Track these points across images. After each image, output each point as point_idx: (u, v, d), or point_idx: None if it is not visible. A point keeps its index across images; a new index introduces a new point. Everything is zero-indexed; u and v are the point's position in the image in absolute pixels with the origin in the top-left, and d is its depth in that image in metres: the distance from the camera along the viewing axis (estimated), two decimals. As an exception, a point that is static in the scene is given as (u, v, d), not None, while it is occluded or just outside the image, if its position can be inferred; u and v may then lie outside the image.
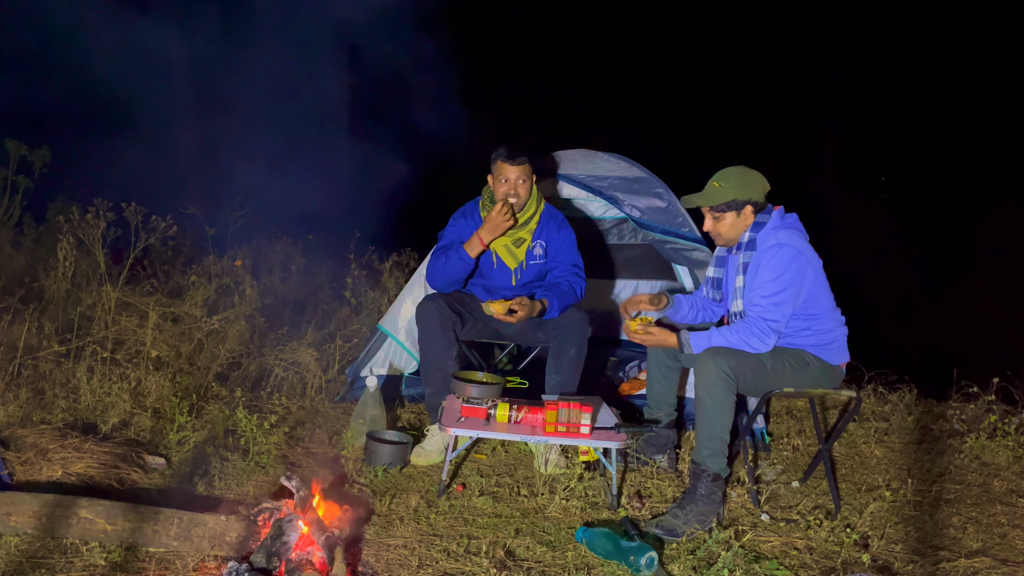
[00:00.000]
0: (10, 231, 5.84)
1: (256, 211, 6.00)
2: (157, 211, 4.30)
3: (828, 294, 3.07)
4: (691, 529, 2.73)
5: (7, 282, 4.70)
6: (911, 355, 5.95)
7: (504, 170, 3.57)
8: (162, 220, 4.19)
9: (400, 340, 4.12)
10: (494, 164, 3.61)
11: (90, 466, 2.87)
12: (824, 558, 2.64)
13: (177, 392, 3.62)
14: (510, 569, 2.42)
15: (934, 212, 11.97)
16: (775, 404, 4.34)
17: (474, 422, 3.06)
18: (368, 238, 6.27)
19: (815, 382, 3.04)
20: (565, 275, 3.69)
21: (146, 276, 4.98)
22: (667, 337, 3.10)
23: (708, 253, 3.82)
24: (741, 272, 3.05)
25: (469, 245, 3.56)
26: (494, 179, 3.63)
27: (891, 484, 3.32)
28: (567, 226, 3.78)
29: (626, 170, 4.26)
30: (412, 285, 4.12)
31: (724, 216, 3.05)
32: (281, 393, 4.02)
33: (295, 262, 6.42)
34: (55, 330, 3.96)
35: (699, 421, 2.91)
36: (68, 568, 2.25)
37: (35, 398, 3.44)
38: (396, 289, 5.37)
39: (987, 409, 3.93)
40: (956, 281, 9.52)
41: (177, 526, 2.36)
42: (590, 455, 3.22)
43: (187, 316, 4.33)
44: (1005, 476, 3.48)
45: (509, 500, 2.98)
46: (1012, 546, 2.82)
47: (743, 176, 3.05)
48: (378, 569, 2.39)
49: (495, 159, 3.60)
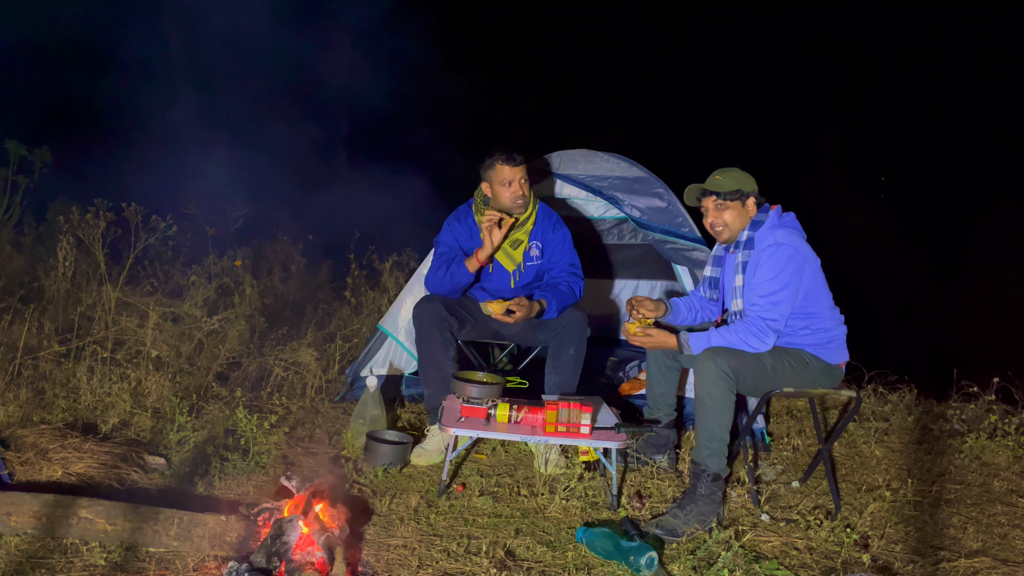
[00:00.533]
0: (10, 231, 5.84)
1: (255, 211, 6.01)
2: (157, 211, 4.31)
3: (827, 293, 3.07)
4: (691, 529, 2.73)
5: (7, 282, 4.70)
6: (911, 355, 5.95)
7: (505, 172, 3.53)
8: (162, 220, 4.20)
9: (400, 340, 4.12)
10: (491, 169, 3.55)
11: (90, 466, 2.87)
12: (824, 558, 2.64)
13: (177, 392, 3.62)
14: (510, 569, 2.42)
15: (934, 212, 11.97)
16: (775, 404, 4.34)
17: (474, 422, 3.06)
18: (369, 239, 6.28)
19: (815, 382, 3.04)
20: (563, 275, 3.69)
21: (146, 276, 4.98)
22: (666, 339, 3.10)
23: (707, 253, 3.82)
24: (740, 271, 3.05)
25: (470, 262, 3.54)
26: (494, 184, 3.57)
27: (891, 484, 3.32)
28: (562, 225, 3.77)
29: (626, 170, 4.26)
30: (412, 285, 4.12)
31: (729, 206, 3.06)
32: (281, 393, 4.02)
33: (295, 262, 6.43)
34: (55, 330, 3.96)
35: (699, 421, 2.91)
36: (68, 568, 2.25)
37: (35, 398, 3.44)
38: (396, 289, 5.37)
39: (987, 409, 3.93)
40: (956, 281, 9.52)
41: (177, 526, 2.36)
42: (590, 455, 3.22)
43: (187, 316, 4.33)
44: (1005, 476, 3.48)
45: (509, 500, 2.98)
46: (1012, 546, 2.82)
47: (741, 172, 3.11)
48: (378, 569, 2.39)
49: (491, 164, 3.54)
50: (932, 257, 10.48)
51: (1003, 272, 9.32)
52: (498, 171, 3.54)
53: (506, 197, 3.55)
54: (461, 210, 3.76)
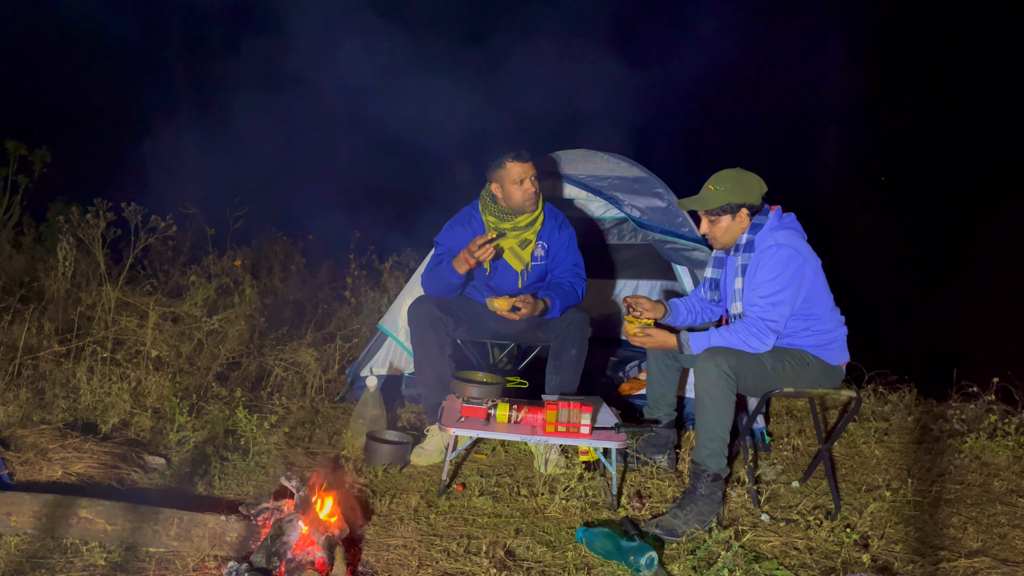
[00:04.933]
0: (10, 231, 5.84)
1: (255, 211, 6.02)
2: (157, 211, 4.30)
3: (827, 294, 3.07)
4: (691, 529, 2.73)
5: (7, 282, 4.70)
6: (911, 355, 5.94)
7: (516, 170, 3.48)
8: (162, 220, 4.20)
9: (400, 340, 4.12)
10: (500, 169, 3.51)
11: (90, 466, 2.87)
12: (824, 558, 2.64)
13: (177, 392, 3.62)
14: (510, 569, 2.42)
15: (934, 212, 11.97)
16: (775, 404, 4.34)
17: (474, 422, 3.06)
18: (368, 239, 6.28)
19: (815, 382, 3.04)
20: (566, 275, 3.69)
21: (146, 276, 4.98)
22: (666, 339, 3.10)
23: (708, 253, 3.81)
24: (740, 274, 3.05)
25: (457, 262, 3.48)
26: (505, 184, 3.52)
27: (891, 484, 3.32)
28: (567, 225, 3.77)
29: (626, 170, 4.26)
30: (412, 285, 4.11)
31: (720, 220, 3.05)
32: (281, 393, 4.02)
33: (295, 262, 6.43)
34: (55, 330, 3.96)
35: (699, 421, 2.91)
36: (68, 568, 2.25)
37: (35, 398, 3.44)
38: (396, 289, 5.38)
39: (987, 409, 3.93)
40: (956, 281, 9.51)
41: (177, 526, 2.36)
42: (590, 455, 3.22)
43: (187, 316, 4.33)
44: (1005, 476, 3.48)
45: (509, 500, 2.98)
46: (1012, 546, 2.82)
47: (738, 179, 3.03)
48: (378, 569, 2.39)
49: (501, 163, 3.50)
50: (932, 257, 10.48)
51: (1003, 272, 9.31)
52: (509, 170, 3.50)
53: (518, 195, 3.52)
54: (465, 212, 3.73)
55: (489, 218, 3.61)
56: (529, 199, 3.53)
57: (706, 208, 3.04)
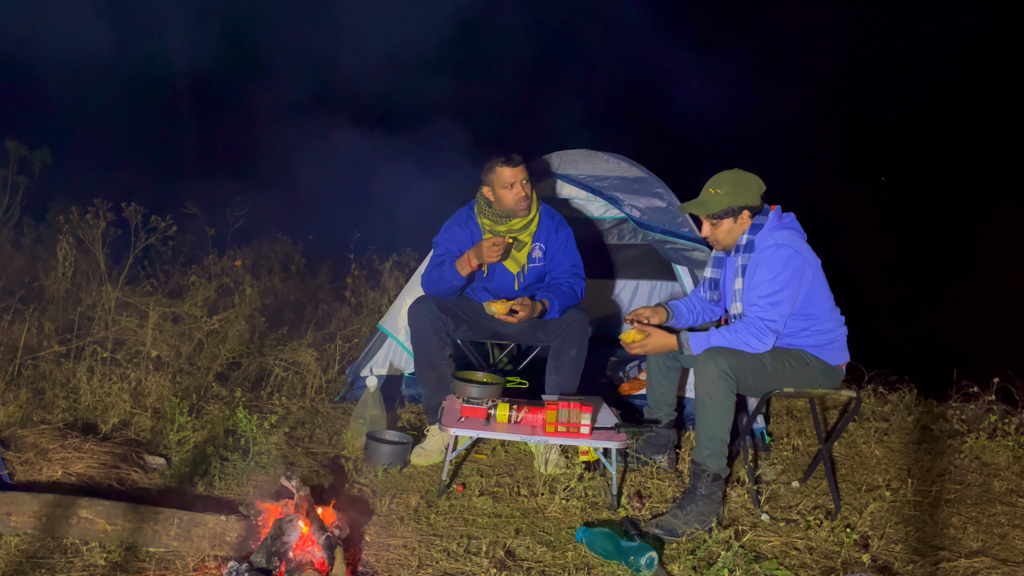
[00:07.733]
0: (10, 231, 5.84)
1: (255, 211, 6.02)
2: (157, 211, 4.31)
3: (827, 294, 3.06)
4: (691, 529, 2.73)
5: (7, 282, 4.70)
6: (911, 355, 5.94)
7: (506, 175, 3.48)
8: (162, 220, 4.20)
9: (400, 340, 4.12)
10: (491, 173, 3.50)
11: (90, 466, 2.87)
12: (824, 558, 2.64)
13: (177, 392, 3.62)
14: (510, 569, 2.42)
15: (934, 212, 11.97)
16: (775, 404, 4.34)
17: (474, 422, 3.06)
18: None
19: (815, 382, 3.04)
20: (565, 276, 3.68)
21: (146, 276, 4.98)
22: (666, 339, 3.10)
23: (708, 253, 3.81)
24: (740, 275, 3.04)
25: (460, 264, 3.49)
26: (496, 188, 3.52)
27: (891, 484, 3.32)
28: (565, 225, 3.76)
29: (626, 170, 4.26)
30: (412, 285, 4.11)
31: (721, 223, 3.05)
32: (281, 393, 4.02)
33: (295, 262, 6.43)
34: (55, 330, 3.96)
35: (699, 421, 2.91)
36: (68, 568, 2.25)
37: (35, 398, 3.44)
38: (396, 289, 5.37)
39: (987, 409, 3.93)
40: (956, 281, 9.51)
41: (177, 526, 2.36)
42: (590, 455, 3.22)
43: (187, 316, 4.33)
44: (1005, 476, 3.48)
45: (509, 500, 2.98)
46: (1012, 546, 2.82)
47: (737, 181, 3.03)
48: (378, 569, 2.39)
49: (491, 168, 3.49)
50: (932, 257, 10.48)
51: (1003, 272, 9.31)
52: (498, 174, 3.49)
53: (509, 200, 3.51)
54: (462, 213, 3.73)
55: (484, 221, 3.61)
56: (520, 203, 3.52)
57: (708, 213, 3.04)
